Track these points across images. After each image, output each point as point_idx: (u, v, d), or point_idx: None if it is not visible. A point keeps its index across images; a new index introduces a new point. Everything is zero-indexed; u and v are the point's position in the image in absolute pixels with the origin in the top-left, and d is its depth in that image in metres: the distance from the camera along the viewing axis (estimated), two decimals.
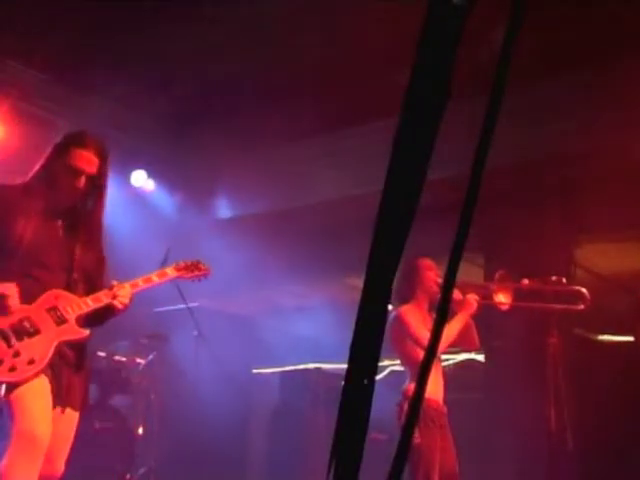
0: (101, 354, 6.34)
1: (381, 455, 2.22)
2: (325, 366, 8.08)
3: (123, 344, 6.74)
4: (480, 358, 7.34)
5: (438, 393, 4.60)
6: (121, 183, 7.13)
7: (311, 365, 8.14)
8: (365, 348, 0.99)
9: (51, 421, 3.19)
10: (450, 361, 7.37)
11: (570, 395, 4.84)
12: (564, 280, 4.93)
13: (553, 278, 4.90)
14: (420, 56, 0.96)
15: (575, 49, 5.83)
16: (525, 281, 4.84)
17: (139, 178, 7.80)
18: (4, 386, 3.11)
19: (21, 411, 3.11)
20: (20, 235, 3.28)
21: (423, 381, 1.02)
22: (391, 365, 7.32)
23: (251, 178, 7.91)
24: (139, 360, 6.64)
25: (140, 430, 6.41)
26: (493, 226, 6.62)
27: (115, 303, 3.38)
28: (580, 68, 6.10)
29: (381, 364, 7.24)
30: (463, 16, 0.95)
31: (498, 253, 6.87)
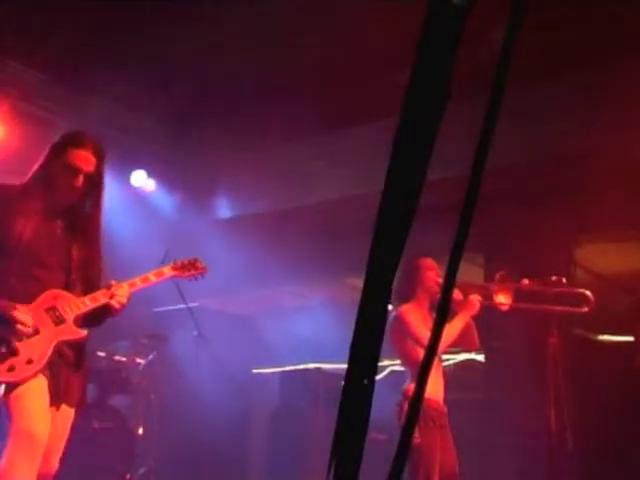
0: (101, 354, 6.34)
1: (381, 455, 2.22)
2: (325, 366, 8.08)
3: (123, 344, 6.74)
4: (480, 358, 7.34)
5: (438, 393, 4.60)
6: (121, 183, 7.14)
7: (311, 365, 8.13)
8: (365, 348, 0.99)
9: (49, 421, 3.19)
10: (450, 361, 7.36)
11: (570, 395, 4.84)
12: (564, 280, 4.93)
13: (553, 278, 4.90)
14: (420, 56, 0.96)
15: (575, 49, 5.83)
16: (525, 281, 4.84)
17: (139, 178, 7.80)
18: (3, 386, 3.12)
19: (19, 411, 3.11)
20: (19, 235, 3.28)
21: (423, 381, 1.02)
22: (391, 365, 7.32)
23: (251, 178, 7.91)
24: (139, 360, 6.64)
25: (140, 430, 6.41)
26: (493, 226, 6.62)
27: (112, 303, 3.37)
28: (580, 68, 6.10)
29: (381, 364, 7.24)
30: (463, 16, 0.95)
31: (498, 253, 6.87)
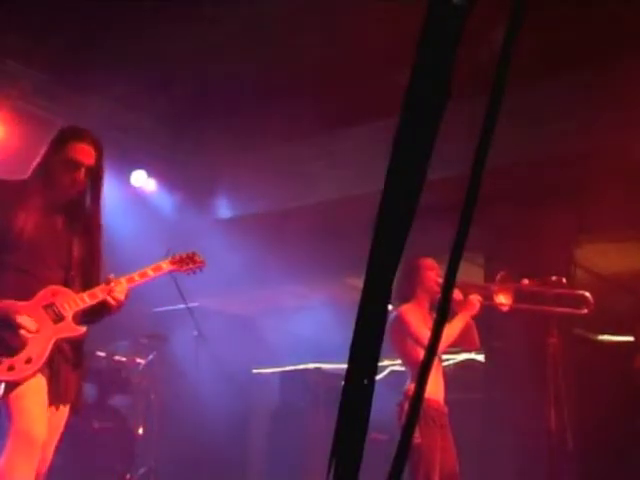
0: (101, 354, 6.33)
1: (381, 455, 2.22)
2: (325, 366, 8.08)
3: (123, 344, 6.74)
4: (480, 358, 7.34)
5: (439, 393, 4.60)
6: (121, 183, 7.14)
7: (311, 365, 8.14)
8: (365, 348, 0.99)
9: (47, 420, 3.19)
10: (450, 361, 7.36)
11: (570, 395, 4.84)
12: (564, 280, 4.93)
13: (553, 278, 4.90)
14: (420, 56, 0.96)
15: (575, 49, 5.83)
16: (525, 281, 4.84)
17: (139, 178, 7.80)
18: (3, 385, 3.11)
19: (19, 411, 3.10)
20: (20, 230, 3.27)
21: (423, 381, 1.02)
22: (391, 365, 7.33)
23: (251, 178, 7.91)
24: (139, 360, 6.64)
25: (140, 430, 6.40)
26: (493, 226, 6.62)
27: (108, 299, 3.36)
28: (580, 68, 6.10)
29: (381, 364, 7.24)
30: (463, 16, 0.95)
31: (498, 253, 6.87)
